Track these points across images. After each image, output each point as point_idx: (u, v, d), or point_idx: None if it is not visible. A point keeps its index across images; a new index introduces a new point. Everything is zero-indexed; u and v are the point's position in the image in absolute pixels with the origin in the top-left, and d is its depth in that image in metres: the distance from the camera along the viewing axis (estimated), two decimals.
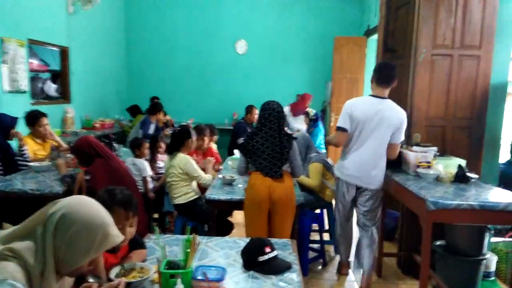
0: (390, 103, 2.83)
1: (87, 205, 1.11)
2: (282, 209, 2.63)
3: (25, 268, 1.01)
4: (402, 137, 2.83)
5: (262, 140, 2.62)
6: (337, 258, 3.56)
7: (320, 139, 5.77)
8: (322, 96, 7.65)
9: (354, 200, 2.96)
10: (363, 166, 2.82)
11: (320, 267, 3.42)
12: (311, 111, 5.88)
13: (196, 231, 3.33)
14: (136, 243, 1.69)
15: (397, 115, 2.79)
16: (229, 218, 3.77)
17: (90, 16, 6.03)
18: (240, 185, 3.10)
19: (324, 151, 5.92)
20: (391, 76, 2.81)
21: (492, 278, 3.13)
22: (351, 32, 7.28)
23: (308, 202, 3.33)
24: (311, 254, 3.45)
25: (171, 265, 1.41)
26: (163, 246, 1.46)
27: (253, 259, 1.66)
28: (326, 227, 3.82)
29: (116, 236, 1.12)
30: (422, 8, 3.07)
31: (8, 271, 0.98)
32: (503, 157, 3.64)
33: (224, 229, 3.23)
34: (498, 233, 3.39)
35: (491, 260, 3.08)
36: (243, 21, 7.58)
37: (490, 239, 3.06)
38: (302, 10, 7.51)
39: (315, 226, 3.59)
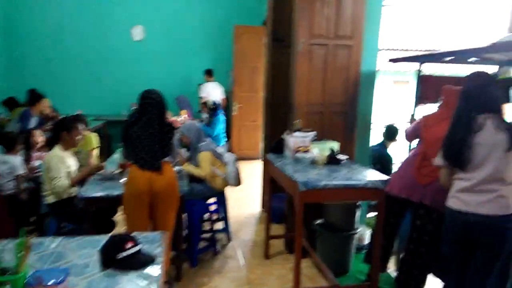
0: (216, 83, 6.73)
1: None
2: (164, 201, 2.55)
3: None
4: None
5: (140, 130, 2.50)
6: (229, 245, 3.59)
7: (221, 128, 5.78)
8: (224, 85, 7.65)
9: None
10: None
11: (210, 256, 3.40)
12: (210, 101, 5.84)
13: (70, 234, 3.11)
14: None
15: (220, 88, 6.66)
16: (115, 218, 3.55)
17: None
18: (121, 180, 2.93)
19: (225, 139, 5.96)
20: (212, 72, 6.72)
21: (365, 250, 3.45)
22: (251, 21, 7.34)
23: (197, 192, 3.29)
24: (204, 245, 3.44)
25: (3, 271, 1.25)
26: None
27: (111, 257, 1.57)
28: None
29: None
30: None
31: None
32: (376, 139, 4.01)
33: (104, 228, 3.02)
34: (372, 209, 3.74)
35: (364, 234, 3.39)
36: (140, 6, 7.17)
37: (362, 214, 3.36)
38: None
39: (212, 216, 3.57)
